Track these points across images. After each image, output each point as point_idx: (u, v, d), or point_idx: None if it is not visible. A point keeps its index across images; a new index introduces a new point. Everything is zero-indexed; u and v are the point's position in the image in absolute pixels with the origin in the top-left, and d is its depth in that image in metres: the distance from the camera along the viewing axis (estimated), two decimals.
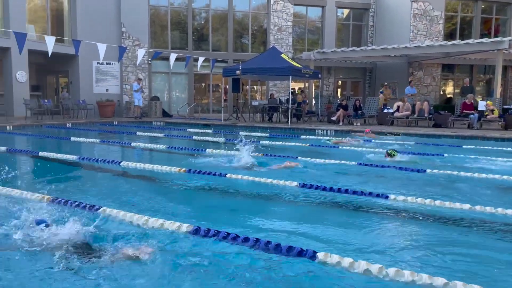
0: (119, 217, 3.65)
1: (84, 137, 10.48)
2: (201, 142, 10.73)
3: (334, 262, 2.73)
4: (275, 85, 21.20)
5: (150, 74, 19.63)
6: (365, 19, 22.72)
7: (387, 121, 15.07)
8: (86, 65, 18.17)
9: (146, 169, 6.22)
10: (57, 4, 18.12)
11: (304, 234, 3.46)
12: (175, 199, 4.78)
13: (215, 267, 2.76)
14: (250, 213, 4.16)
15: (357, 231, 3.60)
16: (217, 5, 20.65)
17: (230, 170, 6.00)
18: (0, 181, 5.02)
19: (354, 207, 4.35)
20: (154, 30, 19.95)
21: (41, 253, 2.87)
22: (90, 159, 6.94)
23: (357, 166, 6.66)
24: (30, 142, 10.71)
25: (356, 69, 22.82)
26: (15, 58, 15.42)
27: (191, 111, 19.54)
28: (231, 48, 20.62)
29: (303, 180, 5.29)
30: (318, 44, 22.30)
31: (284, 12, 20.90)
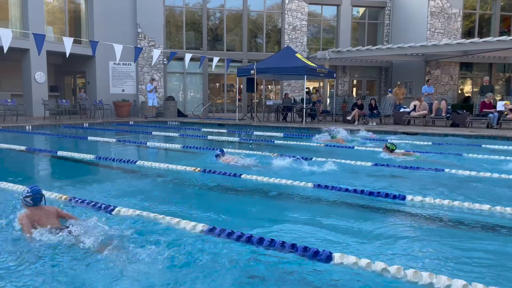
0: (134, 215, 3.67)
1: (101, 137, 10.62)
2: (215, 141, 10.76)
3: (351, 262, 2.69)
4: (290, 84, 21.13)
5: (165, 74, 19.79)
6: (381, 17, 22.47)
7: (403, 121, 14.87)
8: (103, 66, 18.42)
9: (161, 168, 6.26)
10: (74, 6, 18.41)
11: (319, 235, 3.43)
12: (189, 199, 4.80)
13: (230, 266, 2.76)
14: (264, 214, 4.15)
15: (374, 231, 3.55)
16: (231, 5, 20.69)
17: (245, 170, 6.00)
18: (19, 180, 5.12)
19: (370, 208, 4.29)
20: (169, 30, 20.10)
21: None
22: (106, 159, 7.02)
23: (372, 167, 6.57)
24: (49, 141, 10.90)
25: (371, 68, 22.59)
26: (34, 59, 15.72)
27: (206, 111, 19.62)
28: (246, 48, 20.64)
29: (317, 180, 5.26)
30: (333, 43, 22.15)
31: (298, 11, 20.82)
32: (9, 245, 3.04)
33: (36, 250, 2.95)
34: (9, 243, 3.07)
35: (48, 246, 2.99)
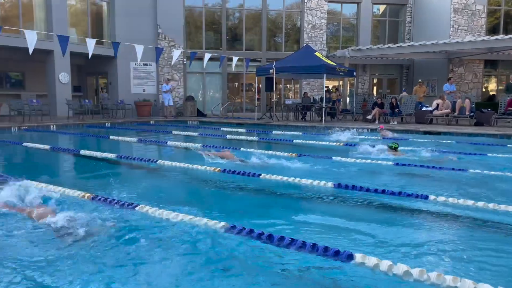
0: (155, 214, 3.72)
1: (122, 136, 10.80)
2: (234, 141, 10.79)
3: (372, 264, 2.66)
4: (309, 83, 21.02)
5: (185, 74, 19.97)
6: (402, 14, 22.11)
7: (425, 120, 14.60)
8: (124, 66, 18.72)
9: (181, 167, 6.32)
10: (96, 7, 18.76)
11: (340, 235, 3.41)
12: (209, 198, 4.83)
13: (249, 265, 2.76)
14: (284, 213, 4.13)
15: (395, 232, 3.50)
16: (250, 5, 20.72)
17: (264, 170, 6.00)
18: (44, 178, 5.25)
19: (392, 208, 4.23)
20: (189, 30, 20.28)
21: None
22: (128, 158, 7.13)
23: (393, 166, 6.48)
24: (72, 140, 11.14)
25: (392, 66, 22.26)
26: (58, 60, 16.10)
27: (225, 110, 19.71)
28: (265, 47, 20.64)
29: (338, 180, 5.21)
30: (353, 41, 21.92)
31: (318, 9, 20.68)
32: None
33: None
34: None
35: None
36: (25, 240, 3.15)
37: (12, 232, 3.32)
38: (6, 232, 3.31)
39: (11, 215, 3.69)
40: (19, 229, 3.37)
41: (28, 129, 12.64)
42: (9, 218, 3.62)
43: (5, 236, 3.23)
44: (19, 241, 3.14)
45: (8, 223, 3.52)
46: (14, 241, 3.14)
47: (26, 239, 3.17)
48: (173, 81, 18.12)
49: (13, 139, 10.21)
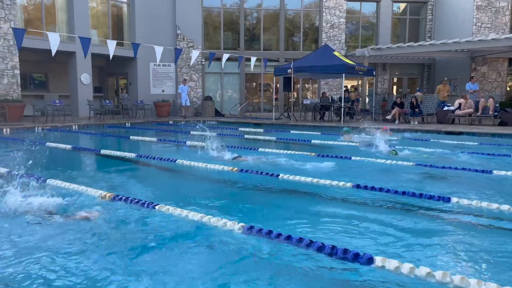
0: (175, 214, 3.75)
1: (142, 136, 10.94)
2: (252, 140, 10.80)
3: (393, 267, 2.61)
4: (327, 83, 20.87)
5: (203, 74, 20.09)
6: (423, 12, 21.73)
7: (447, 120, 14.30)
8: (144, 67, 18.96)
9: (200, 167, 6.35)
10: (117, 9, 19.06)
11: (359, 237, 3.36)
12: (227, 198, 4.84)
13: (267, 266, 2.75)
14: (302, 214, 4.11)
15: (416, 235, 3.43)
16: (268, 5, 20.70)
17: (282, 170, 5.98)
18: (65, 178, 5.36)
19: (413, 210, 4.15)
20: (207, 31, 20.39)
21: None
22: (147, 157, 7.21)
23: (414, 167, 6.36)
24: (93, 140, 11.34)
25: (413, 65, 21.91)
26: (80, 61, 16.42)
27: (243, 110, 19.75)
28: (283, 47, 20.59)
29: (357, 180, 5.15)
30: (372, 40, 21.66)
31: (337, 8, 20.51)
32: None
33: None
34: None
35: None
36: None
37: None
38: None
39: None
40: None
41: (51, 129, 12.93)
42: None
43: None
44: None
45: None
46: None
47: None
48: (187, 82, 18.31)
49: (36, 139, 10.46)
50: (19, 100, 14.64)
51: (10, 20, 14.38)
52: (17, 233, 3.29)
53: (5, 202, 3.94)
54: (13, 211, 3.80)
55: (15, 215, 3.71)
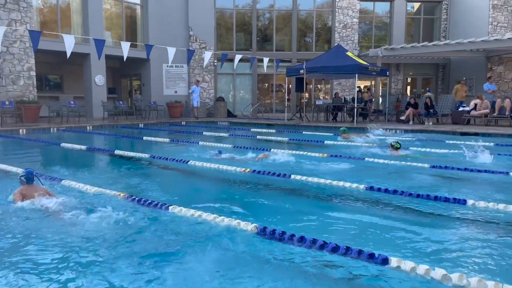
0: (187, 215, 3.76)
1: (155, 137, 11.01)
2: (264, 141, 10.79)
3: (408, 268, 2.57)
4: (340, 83, 20.75)
5: (215, 75, 20.16)
6: (438, 12, 21.46)
7: (462, 120, 14.08)
8: (157, 68, 19.10)
9: (212, 168, 6.36)
10: (130, 11, 19.25)
11: (373, 238, 3.32)
12: (239, 199, 4.84)
13: (281, 267, 2.74)
14: (315, 215, 4.08)
15: (431, 237, 3.38)
16: (281, 5, 20.68)
17: (294, 170, 5.95)
18: (80, 178, 5.43)
19: (428, 212, 4.09)
20: (219, 32, 20.45)
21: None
22: (160, 158, 7.26)
23: (430, 169, 6.28)
24: (107, 141, 11.47)
25: (427, 65, 21.64)
26: (94, 63, 16.62)
27: (255, 111, 19.75)
28: (295, 47, 20.54)
29: (370, 182, 5.11)
30: (385, 40, 21.46)
31: (349, 8, 20.39)
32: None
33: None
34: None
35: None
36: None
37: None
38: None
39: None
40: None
41: (66, 130, 13.11)
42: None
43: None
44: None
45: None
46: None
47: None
48: (198, 83, 18.42)
49: (52, 139, 10.62)
50: (35, 101, 14.88)
51: (26, 23, 14.63)
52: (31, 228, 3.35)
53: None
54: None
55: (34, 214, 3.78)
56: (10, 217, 3.73)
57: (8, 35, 13.91)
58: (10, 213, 3.83)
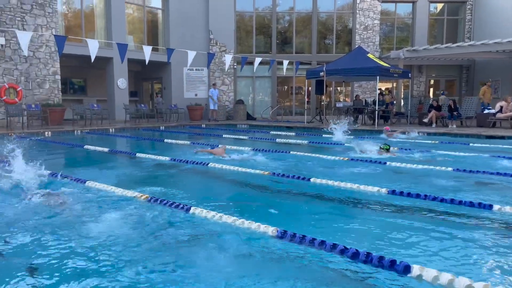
0: (208, 217, 3.78)
1: (176, 139, 11.13)
2: (284, 144, 10.75)
3: (431, 276, 2.51)
4: (361, 86, 20.54)
5: (235, 78, 20.25)
6: (462, 12, 21.01)
7: (487, 123, 13.72)
8: (178, 72, 19.33)
9: (232, 170, 6.38)
10: (152, 15, 19.56)
11: (394, 245, 3.26)
12: (258, 202, 4.83)
13: (299, 272, 2.71)
14: (335, 219, 4.04)
15: (455, 244, 3.29)
16: (300, 8, 20.63)
17: (314, 174, 5.91)
18: (102, 179, 5.52)
19: (452, 217, 3.99)
20: (239, 35, 20.55)
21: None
22: (180, 161, 7.33)
23: (453, 172, 6.13)
24: (129, 143, 11.65)
25: (451, 67, 21.20)
26: (117, 66, 16.95)
27: (274, 114, 19.74)
28: (315, 49, 20.45)
29: (392, 186, 5.02)
30: (407, 41, 21.14)
31: (371, 10, 20.17)
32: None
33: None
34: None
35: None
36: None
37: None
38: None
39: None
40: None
41: (89, 132, 13.40)
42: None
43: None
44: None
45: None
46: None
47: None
48: (213, 86, 18.60)
49: (76, 141, 10.87)
50: (59, 104, 15.26)
51: (51, 28, 15.05)
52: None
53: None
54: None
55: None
56: (27, 220, 3.82)
57: (34, 40, 14.34)
58: (28, 214, 3.93)
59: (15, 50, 14.12)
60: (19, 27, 14.11)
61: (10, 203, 4.35)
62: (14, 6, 14.09)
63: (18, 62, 14.34)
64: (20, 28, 14.11)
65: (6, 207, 4.21)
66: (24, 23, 14.40)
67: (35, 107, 14.22)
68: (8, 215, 3.93)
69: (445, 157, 7.70)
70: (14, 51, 14.13)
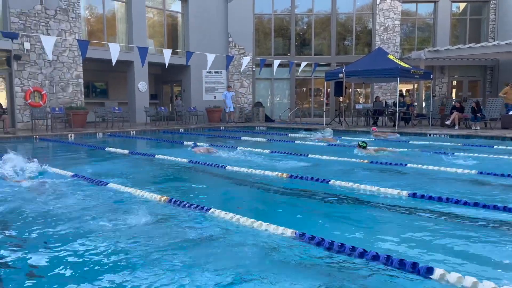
0: (226, 218, 3.79)
1: (195, 142, 11.20)
2: (302, 146, 10.70)
3: (454, 279, 2.46)
4: (381, 87, 20.28)
5: (253, 80, 20.30)
6: (485, 12, 20.54)
7: None
8: (197, 74, 19.51)
9: (250, 173, 6.39)
10: (172, 19, 19.81)
11: (415, 249, 3.20)
12: (276, 204, 4.82)
13: (318, 274, 2.70)
14: (354, 222, 3.99)
15: (479, 248, 3.21)
16: (319, 9, 20.55)
17: (334, 176, 5.87)
18: (122, 181, 5.61)
19: (475, 221, 3.89)
20: (257, 38, 20.60)
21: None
22: (199, 163, 7.38)
23: (476, 175, 5.99)
24: (149, 145, 11.81)
25: (474, 67, 20.73)
26: (138, 70, 17.22)
27: (293, 116, 19.69)
28: (334, 51, 20.32)
29: (413, 188, 4.94)
30: (429, 42, 20.79)
31: (391, 10, 19.92)
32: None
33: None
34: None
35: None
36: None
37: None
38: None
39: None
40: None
41: (111, 135, 13.64)
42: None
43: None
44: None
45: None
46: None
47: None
48: (228, 88, 18.69)
49: (98, 144, 11.09)
50: (82, 107, 15.61)
51: (75, 32, 15.42)
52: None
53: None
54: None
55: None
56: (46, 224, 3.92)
57: (58, 45, 14.72)
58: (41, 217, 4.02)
59: (39, 55, 14.52)
60: (43, 32, 14.51)
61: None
62: (39, 12, 14.50)
63: (43, 66, 14.74)
64: (45, 33, 14.50)
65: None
66: (48, 28, 14.80)
67: (59, 110, 14.57)
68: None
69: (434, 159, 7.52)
70: (38, 55, 14.54)
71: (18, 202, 4.52)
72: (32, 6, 14.33)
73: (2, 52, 14.35)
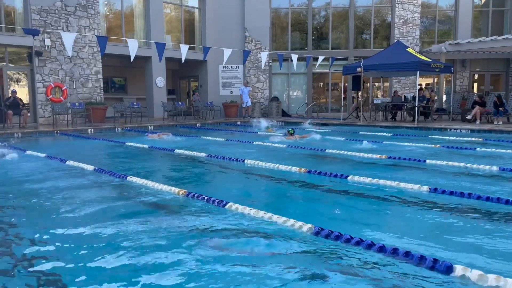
0: (244, 212, 3.81)
1: (212, 136, 11.28)
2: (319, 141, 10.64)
3: (475, 276, 2.42)
4: (399, 81, 19.98)
5: (270, 75, 20.24)
6: (508, 4, 19.98)
7: None
8: (214, 69, 19.57)
9: (268, 168, 6.39)
10: (189, 14, 19.88)
11: (435, 244, 3.15)
12: (295, 199, 4.82)
13: (335, 270, 2.68)
14: (372, 218, 3.96)
15: (501, 244, 3.15)
16: (337, 2, 20.31)
17: (352, 171, 5.82)
18: (142, 175, 5.69)
19: (497, 216, 3.81)
20: (274, 32, 20.50)
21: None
22: (217, 157, 7.42)
23: (499, 171, 5.86)
24: (167, 140, 11.89)
25: (496, 60, 20.22)
26: (155, 65, 17.38)
27: (310, 110, 19.58)
28: (352, 45, 20.07)
29: (434, 184, 4.86)
30: (450, 35, 20.35)
31: (410, 3, 19.55)
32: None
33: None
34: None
35: None
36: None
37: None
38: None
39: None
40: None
41: (130, 129, 13.82)
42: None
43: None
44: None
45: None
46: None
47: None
48: (246, 84, 18.68)
49: (117, 138, 11.25)
50: (101, 102, 15.85)
51: (94, 29, 15.64)
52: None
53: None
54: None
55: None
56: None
57: (78, 41, 14.95)
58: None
59: (60, 51, 14.78)
60: (63, 28, 14.75)
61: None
62: (59, 8, 14.74)
63: (63, 62, 15.01)
64: (65, 29, 14.75)
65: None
66: (68, 25, 15.05)
67: (79, 106, 14.83)
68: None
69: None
70: (59, 51, 14.80)
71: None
72: (52, 3, 14.57)
73: (24, 48, 14.67)
